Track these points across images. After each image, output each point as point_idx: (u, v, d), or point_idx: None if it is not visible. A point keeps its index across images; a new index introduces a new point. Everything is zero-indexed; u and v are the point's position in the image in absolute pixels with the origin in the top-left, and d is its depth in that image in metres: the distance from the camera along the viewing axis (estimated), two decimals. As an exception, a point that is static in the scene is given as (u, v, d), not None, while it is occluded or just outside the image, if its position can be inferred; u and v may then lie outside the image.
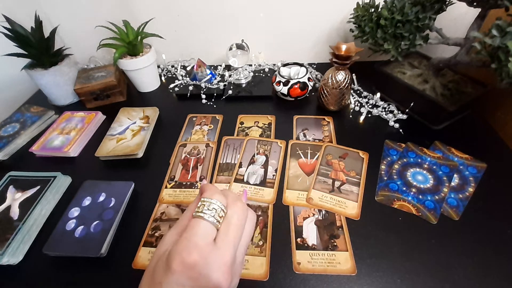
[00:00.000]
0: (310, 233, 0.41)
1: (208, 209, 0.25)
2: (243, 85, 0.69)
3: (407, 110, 0.56)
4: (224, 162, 0.52)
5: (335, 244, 0.39)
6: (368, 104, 0.61)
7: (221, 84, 0.69)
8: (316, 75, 0.71)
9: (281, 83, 0.60)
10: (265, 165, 0.50)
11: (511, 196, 0.43)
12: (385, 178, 0.47)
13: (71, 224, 0.41)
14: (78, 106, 0.68)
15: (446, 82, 0.55)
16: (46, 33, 0.62)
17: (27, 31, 0.58)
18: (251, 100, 0.66)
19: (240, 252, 0.26)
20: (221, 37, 0.73)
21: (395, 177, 0.47)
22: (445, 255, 0.37)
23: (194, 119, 0.62)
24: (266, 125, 0.59)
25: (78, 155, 0.56)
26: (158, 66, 0.78)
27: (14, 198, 0.46)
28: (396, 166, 0.48)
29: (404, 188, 0.45)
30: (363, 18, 0.53)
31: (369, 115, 0.59)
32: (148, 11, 0.69)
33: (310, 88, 0.61)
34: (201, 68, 0.69)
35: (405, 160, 0.49)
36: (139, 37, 0.64)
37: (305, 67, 0.63)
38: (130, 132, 0.57)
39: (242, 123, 0.60)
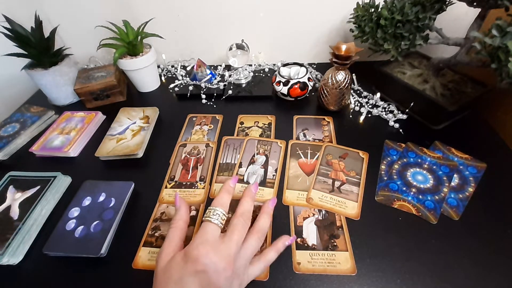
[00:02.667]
0: (310, 233, 0.40)
1: (213, 214, 0.33)
2: (243, 85, 0.69)
3: (407, 110, 0.56)
4: (224, 162, 0.52)
5: (335, 244, 0.39)
6: (368, 104, 0.61)
7: (221, 84, 0.69)
8: (316, 75, 0.71)
9: (281, 83, 0.60)
10: (265, 165, 0.50)
11: (511, 196, 0.43)
12: (385, 178, 0.47)
13: (71, 224, 0.41)
14: (78, 106, 0.68)
15: (446, 82, 0.55)
16: (46, 33, 0.61)
17: (27, 31, 0.58)
18: (251, 100, 0.66)
19: (244, 258, 0.32)
20: (221, 37, 0.73)
21: (395, 177, 0.47)
22: (445, 255, 0.37)
23: (194, 119, 0.62)
24: (266, 125, 0.59)
25: (78, 155, 0.56)
26: (158, 66, 0.78)
27: (14, 198, 0.46)
28: (396, 166, 0.48)
29: (404, 188, 0.45)
30: (363, 18, 0.53)
31: (369, 115, 0.59)
32: (148, 11, 0.69)
33: (310, 88, 0.61)
34: (201, 68, 0.69)
35: (405, 160, 0.49)
36: (139, 37, 0.64)
37: (305, 67, 0.63)
38: (130, 132, 0.57)
39: (242, 123, 0.60)
